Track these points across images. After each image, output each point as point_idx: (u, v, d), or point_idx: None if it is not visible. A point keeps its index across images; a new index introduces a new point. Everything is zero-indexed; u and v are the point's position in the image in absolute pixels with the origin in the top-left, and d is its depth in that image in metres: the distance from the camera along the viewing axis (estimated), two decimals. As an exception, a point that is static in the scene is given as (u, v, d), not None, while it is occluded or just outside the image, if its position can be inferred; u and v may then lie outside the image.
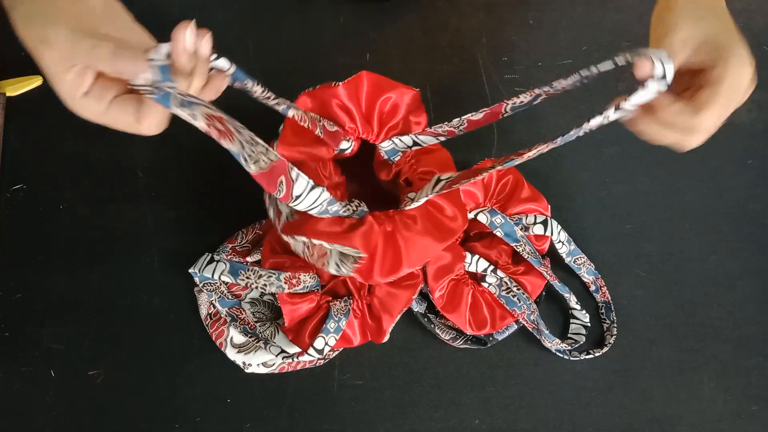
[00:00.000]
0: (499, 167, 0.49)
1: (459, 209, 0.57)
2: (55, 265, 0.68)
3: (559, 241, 0.68)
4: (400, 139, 0.60)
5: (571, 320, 0.69)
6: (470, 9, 0.80)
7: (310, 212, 0.50)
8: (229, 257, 0.65)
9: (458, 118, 0.56)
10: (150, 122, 0.40)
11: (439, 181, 0.54)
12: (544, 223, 0.67)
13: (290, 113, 0.56)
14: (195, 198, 0.71)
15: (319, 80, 0.61)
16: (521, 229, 0.66)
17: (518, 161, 0.48)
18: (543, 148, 0.47)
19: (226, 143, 0.42)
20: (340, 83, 0.59)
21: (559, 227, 0.68)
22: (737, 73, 0.43)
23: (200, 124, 0.40)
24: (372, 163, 0.63)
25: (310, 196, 0.47)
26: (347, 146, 0.61)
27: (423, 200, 0.55)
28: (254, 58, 0.77)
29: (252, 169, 0.43)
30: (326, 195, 0.49)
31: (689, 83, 0.46)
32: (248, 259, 0.65)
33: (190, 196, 0.71)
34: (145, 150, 0.73)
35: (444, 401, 0.67)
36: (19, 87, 0.72)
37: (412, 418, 0.66)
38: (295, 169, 0.45)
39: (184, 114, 0.40)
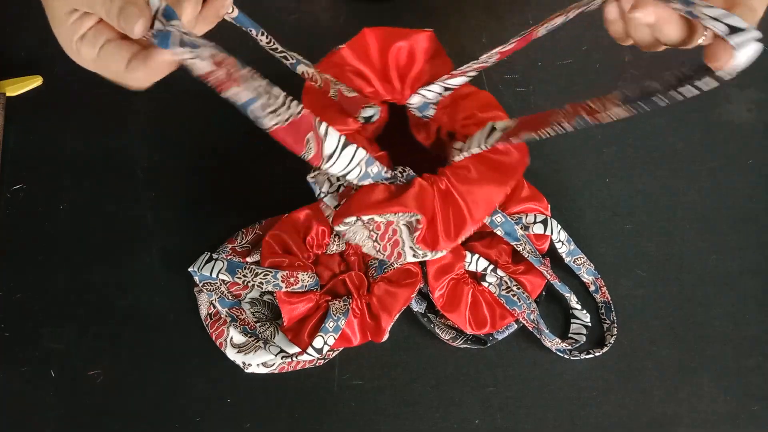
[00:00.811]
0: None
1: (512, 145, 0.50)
2: (55, 265, 0.68)
3: (559, 241, 0.68)
4: (428, 90, 0.53)
5: (572, 320, 0.69)
6: (470, 9, 0.80)
7: (349, 177, 0.45)
8: (229, 257, 0.65)
9: (487, 54, 0.49)
10: (139, 71, 0.39)
11: (494, 130, 0.47)
12: (544, 222, 0.67)
13: (299, 69, 0.51)
14: (195, 198, 0.71)
15: (319, 80, 0.60)
16: (521, 228, 0.66)
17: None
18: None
19: (234, 90, 0.37)
20: (343, 45, 0.53)
21: (559, 227, 0.68)
22: None
23: (204, 65, 0.37)
24: (410, 130, 0.57)
25: (344, 154, 0.42)
26: (372, 113, 0.53)
27: (476, 150, 0.48)
28: (254, 57, 0.77)
29: (269, 122, 0.38)
30: (362, 153, 0.43)
31: None
32: (248, 259, 0.65)
33: (190, 196, 0.71)
34: (145, 150, 0.73)
35: (444, 401, 0.67)
36: (19, 87, 0.72)
37: (412, 418, 0.66)
38: (324, 123, 0.39)
39: (186, 55, 0.36)
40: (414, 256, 0.51)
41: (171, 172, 0.72)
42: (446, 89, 0.53)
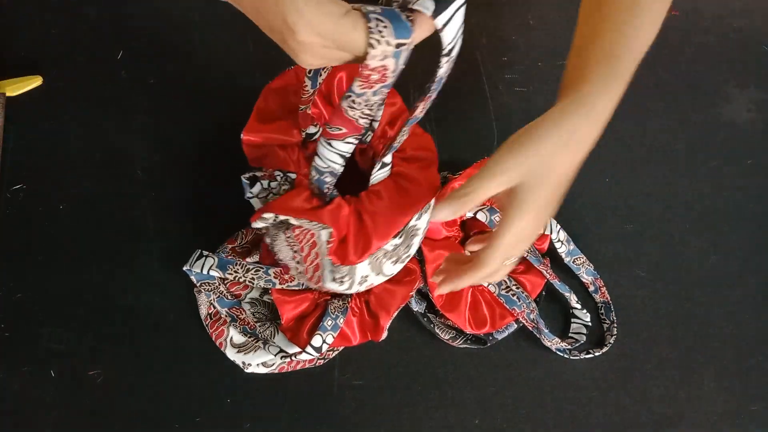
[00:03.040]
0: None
1: (427, 174, 0.54)
2: (55, 265, 0.68)
3: (559, 241, 0.68)
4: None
5: (572, 320, 0.69)
6: (470, 9, 0.80)
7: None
8: (228, 257, 0.65)
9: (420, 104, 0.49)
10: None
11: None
12: (544, 222, 0.67)
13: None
14: (195, 198, 0.71)
15: (319, 80, 0.60)
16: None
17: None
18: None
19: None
20: (292, 67, 0.56)
21: (558, 226, 0.68)
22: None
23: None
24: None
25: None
26: (314, 131, 0.58)
27: (388, 158, 0.52)
28: (254, 58, 0.77)
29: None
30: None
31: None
32: (248, 259, 0.65)
33: (190, 197, 0.71)
34: (145, 150, 0.73)
35: (444, 401, 0.67)
36: (19, 87, 0.72)
37: (412, 418, 0.66)
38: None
39: None
40: (333, 283, 0.55)
41: (171, 172, 0.72)
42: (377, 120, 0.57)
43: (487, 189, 0.43)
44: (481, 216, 0.66)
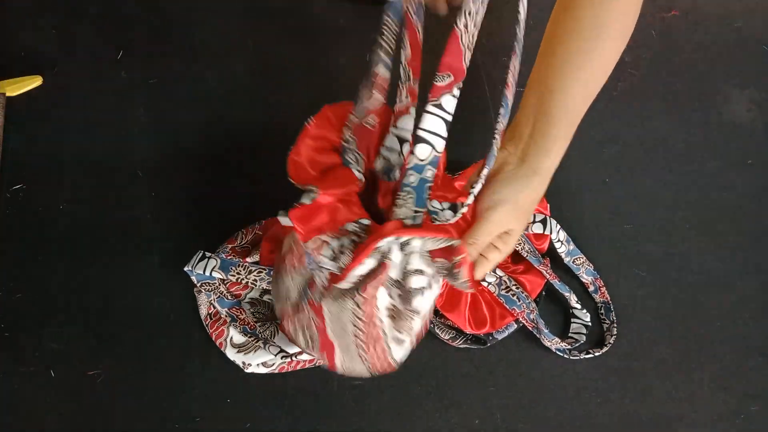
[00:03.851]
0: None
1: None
2: (55, 265, 0.68)
3: (558, 240, 0.68)
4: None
5: (572, 320, 0.69)
6: (470, 9, 0.80)
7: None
8: (228, 257, 0.65)
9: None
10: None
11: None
12: (543, 221, 0.67)
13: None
14: (195, 198, 0.71)
15: (319, 79, 0.60)
16: (521, 229, 0.66)
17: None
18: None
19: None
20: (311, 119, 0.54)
21: (558, 226, 0.68)
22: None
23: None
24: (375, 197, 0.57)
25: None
26: (388, 161, 0.54)
27: (471, 199, 0.51)
28: (254, 58, 0.77)
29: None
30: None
31: None
32: (248, 259, 0.65)
33: (191, 197, 0.71)
34: (145, 150, 0.73)
35: (444, 401, 0.67)
36: (19, 87, 0.72)
37: (412, 418, 0.66)
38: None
39: None
40: (395, 340, 0.54)
41: (171, 172, 0.72)
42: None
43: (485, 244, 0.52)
44: None
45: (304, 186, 0.51)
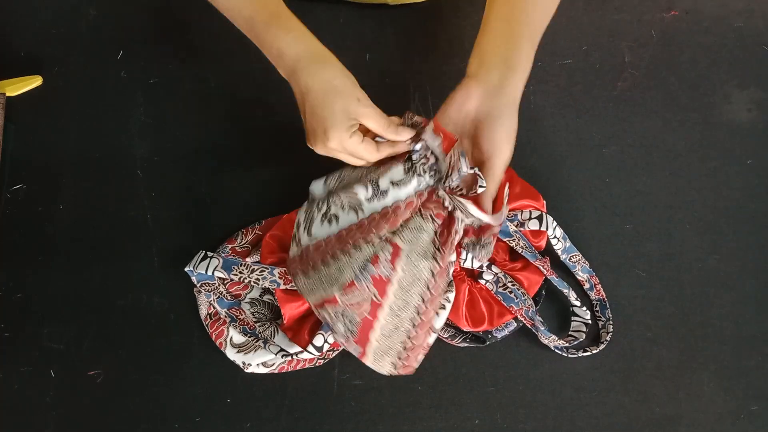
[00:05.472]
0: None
1: None
2: (55, 265, 0.68)
3: (555, 237, 0.68)
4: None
5: (572, 317, 0.69)
6: (470, 9, 0.80)
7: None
8: (229, 257, 0.65)
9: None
10: (384, 153, 0.58)
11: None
12: (540, 218, 0.67)
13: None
14: (195, 198, 0.71)
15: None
16: (516, 225, 0.66)
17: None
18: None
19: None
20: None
21: (555, 223, 0.68)
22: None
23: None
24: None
25: None
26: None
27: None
28: (254, 58, 0.77)
29: None
30: None
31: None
32: (248, 259, 0.65)
33: (190, 196, 0.71)
34: (145, 150, 0.73)
35: (444, 401, 0.67)
36: (19, 87, 0.72)
37: (412, 418, 0.66)
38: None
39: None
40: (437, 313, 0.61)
41: (171, 172, 0.72)
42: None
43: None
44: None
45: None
